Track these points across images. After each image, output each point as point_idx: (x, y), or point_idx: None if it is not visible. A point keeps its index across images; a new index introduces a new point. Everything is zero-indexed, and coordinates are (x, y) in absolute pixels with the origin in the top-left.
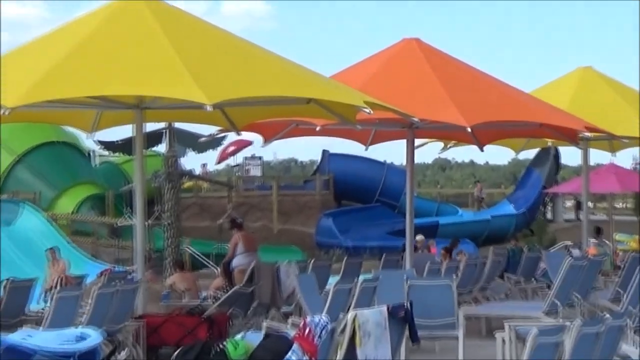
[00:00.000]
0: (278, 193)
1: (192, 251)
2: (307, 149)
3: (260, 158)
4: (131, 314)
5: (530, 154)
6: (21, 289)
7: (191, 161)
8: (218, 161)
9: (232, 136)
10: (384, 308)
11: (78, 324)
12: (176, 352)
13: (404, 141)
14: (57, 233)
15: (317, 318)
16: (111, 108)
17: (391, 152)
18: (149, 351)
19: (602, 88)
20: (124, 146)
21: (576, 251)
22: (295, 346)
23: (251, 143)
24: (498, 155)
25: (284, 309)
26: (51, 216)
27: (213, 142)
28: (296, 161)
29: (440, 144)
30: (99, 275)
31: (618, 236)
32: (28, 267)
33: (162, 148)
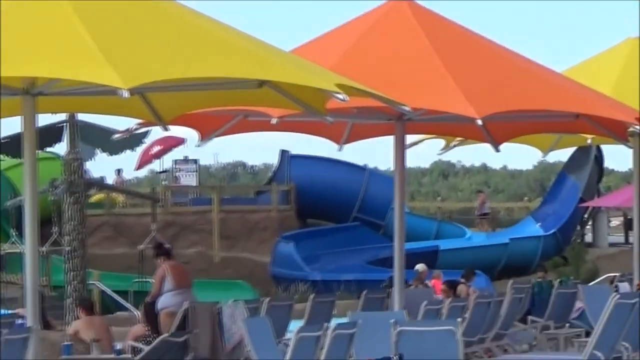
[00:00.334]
0: (220, 209)
1: (104, 288)
2: (260, 149)
3: (195, 162)
4: None
5: (563, 156)
6: None
7: (101, 166)
8: (138, 166)
9: (158, 132)
10: None
11: None
12: None
13: (391, 138)
14: None
15: None
16: None
17: (374, 154)
18: None
19: None
20: (9, 146)
21: (625, 285)
22: None
23: (183, 141)
24: (520, 157)
25: None
26: None
27: (131, 141)
28: (244, 165)
29: (440, 142)
30: None
31: None
32: None
33: (62, 148)
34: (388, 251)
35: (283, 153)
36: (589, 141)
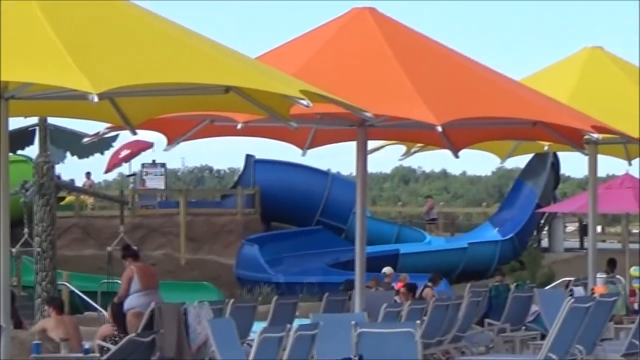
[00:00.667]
0: (187, 212)
1: (72, 288)
2: (226, 154)
3: (163, 165)
4: None
5: (520, 162)
6: None
7: (71, 169)
8: (107, 169)
9: (127, 136)
10: None
11: None
12: None
13: (354, 144)
14: None
15: None
16: None
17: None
18: None
19: (616, 75)
20: None
21: (579, 290)
22: None
23: (151, 145)
24: (478, 163)
25: None
26: None
27: (100, 144)
28: (211, 170)
29: (401, 148)
30: None
31: (635, 270)
32: None
33: (33, 151)
34: (350, 254)
35: (248, 158)
36: (546, 148)
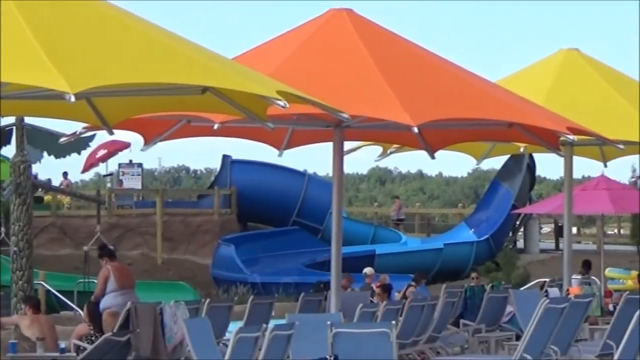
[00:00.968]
0: (163, 212)
1: (49, 288)
2: (202, 154)
3: (139, 165)
4: None
5: (496, 163)
6: None
7: (48, 169)
8: (84, 169)
9: (104, 136)
10: None
11: None
12: None
13: (330, 144)
14: None
15: None
16: None
17: (313, 159)
18: None
19: (592, 77)
20: None
21: (554, 291)
22: None
23: (128, 145)
24: (454, 164)
25: None
26: None
27: (77, 144)
28: (188, 170)
29: (378, 149)
30: None
31: (610, 272)
32: None
33: (10, 151)
34: (326, 255)
35: (225, 158)
36: (522, 149)
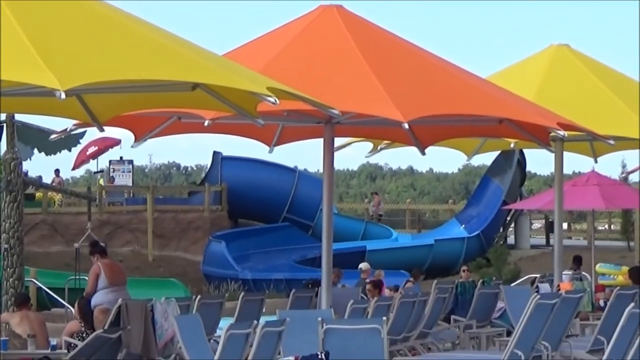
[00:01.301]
0: (154, 208)
1: (40, 285)
2: (193, 151)
3: (130, 162)
4: None
5: (487, 159)
6: None
7: (39, 166)
8: (75, 166)
9: (94, 133)
10: (292, 359)
11: None
12: None
13: (321, 141)
14: None
15: None
16: None
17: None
18: None
19: (582, 73)
20: None
21: (545, 286)
22: None
23: (119, 142)
24: (445, 160)
25: None
26: None
27: (68, 141)
28: (178, 166)
29: (368, 145)
30: None
31: (600, 267)
32: None
33: (0, 148)
34: (316, 251)
35: (215, 154)
36: (512, 145)
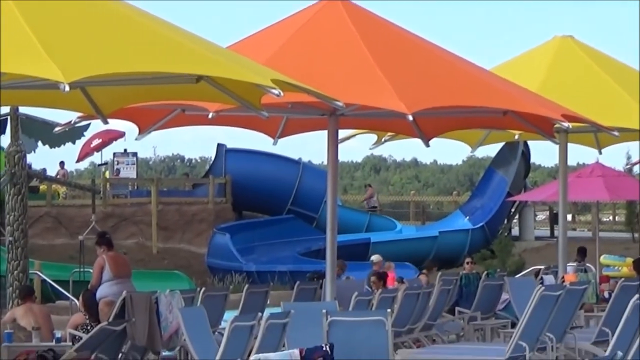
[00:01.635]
0: (158, 201)
1: (44, 277)
2: (197, 143)
3: (134, 154)
4: None
5: (491, 151)
6: None
7: (43, 158)
8: (79, 158)
9: (98, 125)
10: (296, 352)
11: None
12: None
13: (325, 133)
14: None
15: None
16: None
17: (308, 148)
18: None
19: (587, 64)
20: None
21: (550, 278)
22: None
23: (123, 134)
24: (449, 152)
25: (165, 353)
26: None
27: (72, 133)
28: (182, 159)
29: (372, 137)
30: None
31: (605, 259)
32: None
33: (4, 141)
34: (321, 243)
35: (219, 147)
36: (517, 137)
